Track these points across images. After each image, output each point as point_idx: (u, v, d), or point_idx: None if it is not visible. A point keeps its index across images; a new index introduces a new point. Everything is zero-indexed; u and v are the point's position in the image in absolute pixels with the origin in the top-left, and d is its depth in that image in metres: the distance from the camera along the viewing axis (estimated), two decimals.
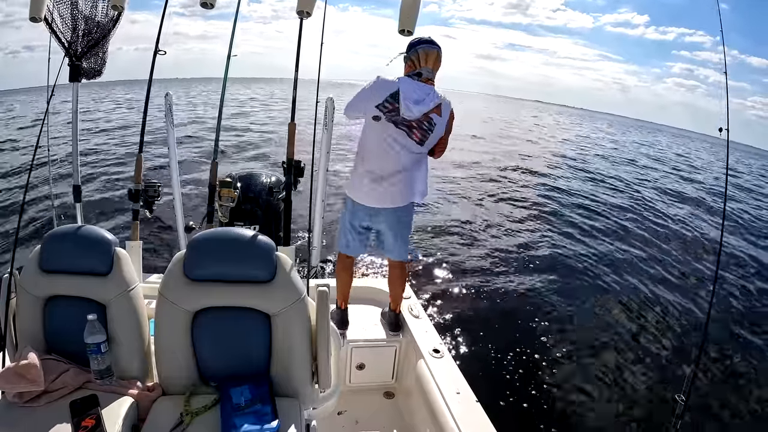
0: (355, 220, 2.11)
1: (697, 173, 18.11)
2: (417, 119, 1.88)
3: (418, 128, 1.90)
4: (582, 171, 13.92)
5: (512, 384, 3.14)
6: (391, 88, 1.87)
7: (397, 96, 1.85)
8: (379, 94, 1.88)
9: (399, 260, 2.19)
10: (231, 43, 2.41)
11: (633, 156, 21.37)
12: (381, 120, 1.89)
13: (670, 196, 11.48)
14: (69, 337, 1.32)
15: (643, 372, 3.55)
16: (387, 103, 1.86)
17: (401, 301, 2.27)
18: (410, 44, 1.95)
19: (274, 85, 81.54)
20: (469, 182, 10.14)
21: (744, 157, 44.27)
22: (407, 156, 1.95)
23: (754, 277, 6.45)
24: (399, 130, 1.90)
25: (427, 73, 1.91)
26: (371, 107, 1.89)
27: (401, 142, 1.92)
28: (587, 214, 8.46)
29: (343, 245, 2.19)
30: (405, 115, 1.86)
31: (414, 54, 1.91)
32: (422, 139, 1.93)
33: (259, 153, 11.08)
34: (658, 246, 7.13)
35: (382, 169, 1.96)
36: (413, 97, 1.85)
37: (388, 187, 1.99)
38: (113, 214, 5.78)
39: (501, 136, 22.19)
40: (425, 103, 1.87)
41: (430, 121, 1.90)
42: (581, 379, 3.34)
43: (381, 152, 1.95)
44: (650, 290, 5.26)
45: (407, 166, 1.98)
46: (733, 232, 8.79)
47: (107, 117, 17.77)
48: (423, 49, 1.90)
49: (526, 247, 6.14)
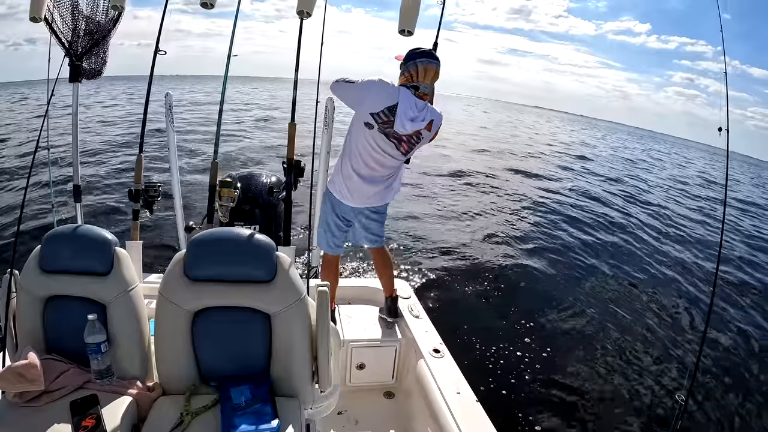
0: (338, 217, 2.15)
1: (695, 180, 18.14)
2: (408, 134, 1.92)
3: (407, 142, 1.95)
4: (589, 173, 13.93)
5: (512, 384, 3.14)
6: (391, 101, 1.85)
7: (394, 110, 1.85)
8: (378, 100, 1.86)
9: (379, 246, 2.27)
10: (231, 43, 2.41)
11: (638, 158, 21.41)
12: (373, 129, 1.91)
13: (671, 203, 11.49)
14: (69, 337, 1.33)
15: (644, 372, 3.55)
16: (383, 114, 1.87)
17: (393, 284, 2.32)
18: (410, 54, 1.91)
19: (276, 84, 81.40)
20: (468, 183, 10.14)
21: (737, 165, 44.05)
22: (392, 162, 2.02)
23: (755, 277, 6.45)
24: (389, 142, 1.93)
25: (424, 89, 1.90)
26: (365, 111, 1.89)
27: (389, 152, 1.97)
28: (587, 215, 8.46)
29: (327, 245, 2.21)
30: (398, 130, 1.89)
31: (413, 67, 1.89)
32: (408, 151, 2.00)
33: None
34: (658, 248, 7.14)
35: (368, 173, 2.02)
36: (409, 114, 1.86)
37: (372, 190, 2.06)
38: (113, 214, 5.78)
39: (498, 140, 22.20)
40: (418, 120, 1.88)
41: (419, 135, 1.94)
42: (581, 380, 3.34)
43: (368, 158, 1.99)
44: (650, 290, 5.27)
45: (391, 171, 2.06)
46: (733, 233, 8.80)
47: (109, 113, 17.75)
48: (423, 64, 1.88)
49: (527, 248, 6.14)
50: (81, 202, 2.41)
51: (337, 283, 2.30)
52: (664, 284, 5.56)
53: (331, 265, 2.26)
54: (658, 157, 29.07)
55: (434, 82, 1.95)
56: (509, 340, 3.70)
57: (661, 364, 3.71)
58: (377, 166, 2.01)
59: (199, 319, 1.34)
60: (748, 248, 8.10)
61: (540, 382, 3.21)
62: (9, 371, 1.20)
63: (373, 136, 1.93)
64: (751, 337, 4.43)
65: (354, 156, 2.01)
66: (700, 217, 10.14)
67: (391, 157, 1.99)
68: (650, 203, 10.69)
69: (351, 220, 2.19)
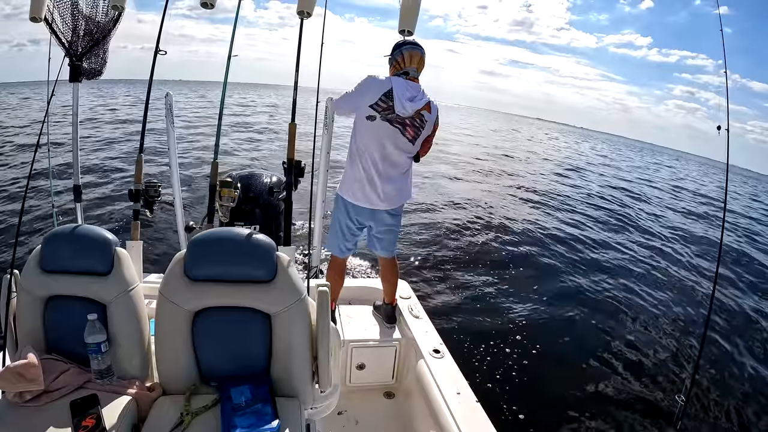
0: (350, 220, 2.14)
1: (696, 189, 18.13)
2: (410, 116, 1.93)
3: (411, 125, 1.95)
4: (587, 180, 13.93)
5: (512, 384, 3.14)
6: (385, 87, 1.91)
7: (390, 94, 1.90)
8: (373, 92, 1.92)
9: (390, 257, 2.25)
10: (231, 44, 2.41)
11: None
12: (376, 120, 1.93)
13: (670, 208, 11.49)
14: (69, 337, 1.32)
15: (643, 372, 3.55)
16: (381, 102, 1.91)
17: (395, 293, 2.33)
18: (395, 46, 2.02)
19: (278, 90, 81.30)
20: (469, 184, 10.14)
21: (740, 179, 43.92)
22: (400, 156, 2.01)
23: (755, 276, 6.45)
24: (393, 128, 1.94)
25: (413, 73, 1.98)
26: (365, 106, 1.93)
27: (395, 142, 1.97)
28: (587, 215, 8.47)
29: (337, 249, 2.22)
30: (400, 113, 1.90)
31: (399, 55, 1.98)
32: (414, 137, 1.99)
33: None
34: (659, 248, 7.14)
35: (378, 170, 2.01)
36: (406, 95, 1.91)
37: (384, 189, 2.04)
38: (113, 214, 5.78)
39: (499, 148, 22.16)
40: (417, 100, 1.93)
41: (421, 118, 1.96)
42: (581, 380, 3.34)
43: (375, 153, 1.99)
44: (650, 291, 5.27)
45: (399, 164, 2.04)
46: (733, 233, 8.80)
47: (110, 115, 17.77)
48: (408, 50, 1.97)
49: (528, 248, 6.14)
50: (81, 202, 2.41)
51: (342, 285, 2.30)
52: (664, 284, 5.56)
53: (338, 266, 2.26)
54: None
55: (421, 70, 2.01)
56: (509, 341, 3.70)
57: (661, 364, 3.71)
58: (387, 160, 2.00)
59: (199, 319, 1.34)
60: (748, 248, 8.10)
61: (540, 383, 3.21)
62: (9, 371, 1.20)
63: (377, 127, 1.94)
64: (752, 337, 4.43)
65: (362, 154, 2.02)
66: (700, 218, 10.15)
67: (398, 147, 1.98)
68: (650, 204, 10.70)
69: (365, 223, 2.17)
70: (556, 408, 2.99)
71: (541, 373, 3.32)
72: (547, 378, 3.28)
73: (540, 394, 3.10)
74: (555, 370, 3.39)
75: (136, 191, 2.27)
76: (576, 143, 43.02)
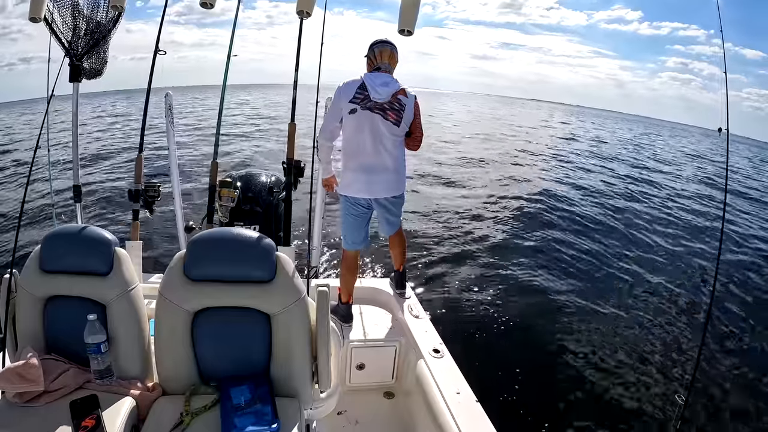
0: (357, 212, 2.21)
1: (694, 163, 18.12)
2: (388, 101, 2.04)
3: (390, 109, 2.07)
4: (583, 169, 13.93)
5: (512, 384, 3.14)
6: (357, 83, 2.06)
7: (364, 86, 2.04)
8: (347, 92, 2.06)
9: (397, 230, 2.39)
10: (231, 45, 2.42)
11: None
12: (357, 111, 2.04)
13: (666, 196, 11.48)
14: (69, 337, 1.33)
15: (643, 372, 3.55)
16: (358, 95, 2.04)
17: (404, 260, 2.48)
18: (369, 45, 2.18)
19: (272, 90, 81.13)
20: (468, 183, 10.14)
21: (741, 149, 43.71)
22: (389, 140, 2.10)
23: (755, 276, 6.45)
24: (375, 114, 2.05)
25: (386, 67, 2.12)
26: (345, 105, 2.06)
27: (380, 127, 2.07)
28: (587, 213, 8.46)
29: (352, 243, 2.27)
30: (376, 99, 2.02)
31: (371, 52, 2.14)
32: (397, 120, 2.09)
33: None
34: (660, 246, 7.13)
35: (371, 158, 2.10)
36: (378, 81, 2.03)
37: (381, 176, 2.13)
38: (113, 214, 5.78)
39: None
40: (390, 86, 2.04)
41: (399, 101, 2.07)
42: (581, 379, 3.34)
43: (365, 141, 2.08)
44: (650, 290, 5.26)
45: (391, 150, 2.13)
46: (733, 229, 8.79)
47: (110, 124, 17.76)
48: (378, 48, 2.13)
49: (527, 246, 6.14)
50: (81, 202, 2.42)
51: (355, 279, 2.33)
52: (664, 284, 5.55)
53: (350, 260, 2.30)
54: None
55: (394, 65, 2.15)
56: (509, 341, 3.69)
57: (660, 364, 3.70)
58: (377, 147, 2.09)
59: (199, 319, 1.34)
60: (749, 248, 8.09)
61: (540, 382, 3.20)
62: (9, 371, 1.20)
63: (360, 117, 2.04)
64: (752, 337, 4.42)
65: (352, 147, 2.11)
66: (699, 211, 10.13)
67: (384, 131, 2.07)
68: (651, 196, 10.67)
69: (369, 208, 2.24)
70: (556, 407, 2.99)
71: (540, 372, 3.32)
72: (547, 378, 3.28)
73: (540, 394, 3.09)
74: (555, 370, 3.39)
75: (135, 191, 2.28)
76: (581, 122, 41.91)
